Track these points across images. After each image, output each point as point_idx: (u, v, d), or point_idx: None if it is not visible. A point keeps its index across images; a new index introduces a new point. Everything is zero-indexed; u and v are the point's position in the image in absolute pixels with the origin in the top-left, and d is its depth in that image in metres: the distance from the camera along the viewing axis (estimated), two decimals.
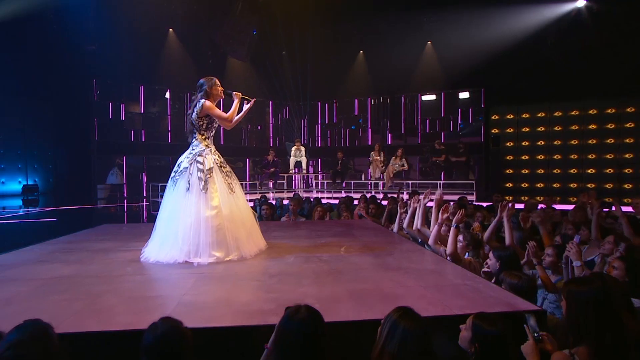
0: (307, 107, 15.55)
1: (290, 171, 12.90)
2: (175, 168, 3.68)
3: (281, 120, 16.16)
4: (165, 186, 3.72)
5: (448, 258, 3.49)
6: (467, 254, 3.68)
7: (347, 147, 14.91)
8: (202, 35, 13.60)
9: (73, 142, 12.27)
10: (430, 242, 3.86)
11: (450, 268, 3.24)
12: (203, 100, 3.67)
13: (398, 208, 4.97)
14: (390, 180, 11.64)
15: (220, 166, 3.71)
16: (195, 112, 3.67)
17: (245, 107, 3.82)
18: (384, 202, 7.06)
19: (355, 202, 8.76)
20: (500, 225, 3.88)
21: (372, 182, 12.51)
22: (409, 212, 4.43)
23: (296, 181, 13.38)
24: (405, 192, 10.24)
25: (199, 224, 3.44)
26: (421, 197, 4.21)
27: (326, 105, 15.83)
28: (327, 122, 15.88)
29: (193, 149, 3.67)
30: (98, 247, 4.24)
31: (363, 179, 13.24)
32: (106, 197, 12.56)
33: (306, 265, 3.34)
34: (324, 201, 9.60)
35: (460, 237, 3.69)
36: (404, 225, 4.37)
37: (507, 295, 2.50)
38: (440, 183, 11.38)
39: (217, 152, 3.78)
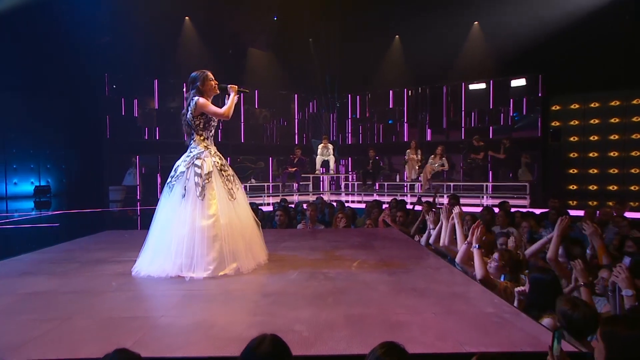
0: (336, 100, 15.47)
1: (317, 171, 12.86)
2: (172, 172, 3.70)
3: (308, 115, 16.19)
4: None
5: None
6: (502, 276, 3.44)
7: (381, 144, 14.75)
8: (220, 23, 13.71)
9: (86, 140, 12.67)
10: (457, 260, 3.68)
11: (477, 292, 3.06)
12: (196, 98, 3.69)
13: (426, 216, 4.79)
14: (428, 182, 11.35)
15: (221, 170, 3.71)
16: (189, 112, 3.70)
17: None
18: (419, 208, 6.90)
19: (386, 206, 8.71)
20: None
21: (408, 184, 12.29)
22: (438, 226, 4.26)
23: (323, 182, 13.32)
24: (445, 196, 9.98)
25: (193, 234, 3.46)
26: (455, 211, 3.98)
27: (357, 97, 15.71)
28: (358, 116, 15.76)
29: (191, 152, 3.69)
30: (91, 257, 4.34)
31: (398, 180, 13.04)
32: (122, 199, 12.86)
33: (308, 283, 3.28)
34: (353, 205, 9.54)
35: (496, 256, 3.47)
36: (430, 241, 4.19)
37: (539, 330, 2.29)
38: (487, 185, 10.99)
39: (218, 153, 3.78)
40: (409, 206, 8.36)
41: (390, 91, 15.08)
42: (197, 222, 3.47)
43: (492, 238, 4.08)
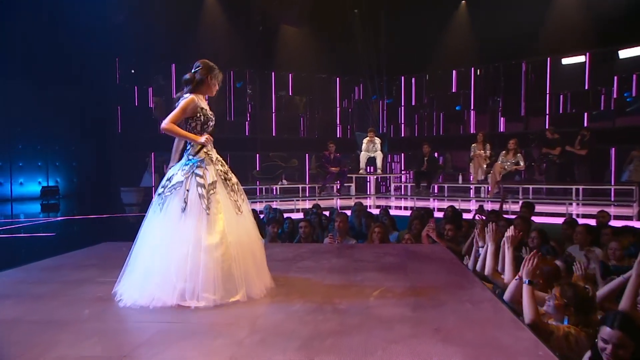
0: (387, 85, 15.25)
1: (361, 171, 12.79)
2: (164, 182, 3.75)
3: (352, 102, 16.10)
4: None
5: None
6: (565, 319, 3.19)
7: (441, 137, 14.60)
8: None
9: (98, 135, 13.26)
10: (506, 298, 3.49)
11: (523, 341, 2.80)
12: (187, 96, 3.73)
13: (476, 231, 4.55)
14: (497, 185, 10.92)
15: (225, 179, 3.77)
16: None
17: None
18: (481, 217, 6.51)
19: (440, 214, 8.40)
20: None
21: (474, 186, 11.99)
22: (485, 247, 4.06)
23: (370, 184, 13.24)
24: (520, 202, 9.58)
25: (198, 254, 3.48)
26: (507, 234, 3.79)
27: (412, 80, 15.56)
28: (413, 103, 15.62)
29: (189, 158, 3.75)
30: (76, 276, 4.44)
31: (461, 181, 12.72)
32: (140, 202, 13.17)
33: (310, 318, 3.21)
34: (405, 213, 9.46)
35: (555, 292, 3.22)
36: (469, 266, 3.99)
37: None
38: (577, 189, 10.28)
39: (219, 158, 3.86)
40: (469, 215, 8.22)
41: (454, 72, 14.79)
42: (203, 240, 3.50)
43: (554, 265, 3.80)
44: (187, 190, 3.61)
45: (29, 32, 11.65)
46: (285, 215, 8.15)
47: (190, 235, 3.51)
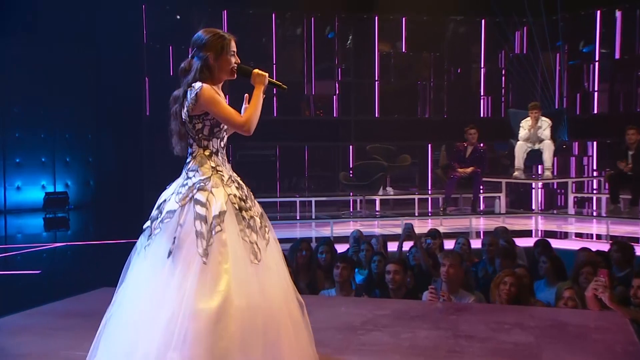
0: (563, 28, 14.48)
1: (516, 172, 12.11)
2: (154, 212, 3.80)
3: (504, 60, 15.65)
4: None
5: None
6: None
7: None
8: None
9: (122, 119, 13.33)
10: None
11: None
12: (199, 86, 3.66)
13: None
14: None
15: (241, 208, 3.75)
16: (186, 107, 3.73)
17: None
18: None
19: None
20: None
21: None
22: None
23: (532, 195, 12.57)
24: None
25: (183, 324, 3.48)
26: None
27: (618, 15, 14.32)
28: (617, 55, 14.35)
29: (188, 176, 3.76)
30: (34, 348, 4.50)
31: None
32: None
33: None
34: (588, 245, 8.84)
35: None
36: None
37: None
38: None
39: (236, 177, 3.86)
40: None
41: None
42: (191, 304, 3.50)
43: None
44: (180, 225, 3.61)
45: None
46: (389, 246, 8.06)
47: (173, 294, 3.55)
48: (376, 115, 14.75)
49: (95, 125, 13.69)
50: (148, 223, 3.77)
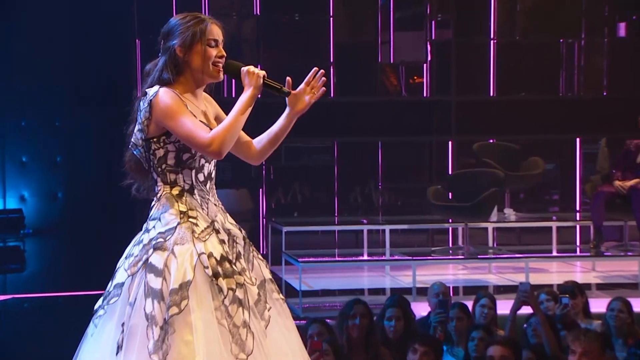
0: None
1: None
2: (110, 283, 4.01)
3: None
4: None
5: None
6: None
7: None
8: None
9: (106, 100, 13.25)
10: None
11: None
12: (155, 91, 3.83)
13: None
14: None
15: (215, 275, 3.87)
16: (139, 126, 3.92)
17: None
18: None
19: None
20: None
21: None
22: None
23: None
24: None
25: None
26: None
27: None
28: None
29: (147, 228, 4.00)
30: None
31: None
32: None
33: None
34: None
35: None
36: None
37: None
38: None
39: (226, 223, 4.13)
40: None
41: None
42: None
43: None
44: (130, 304, 3.79)
45: None
46: (502, 305, 7.92)
47: None
48: (490, 94, 13.44)
49: (69, 108, 13.61)
50: (99, 302, 3.88)
